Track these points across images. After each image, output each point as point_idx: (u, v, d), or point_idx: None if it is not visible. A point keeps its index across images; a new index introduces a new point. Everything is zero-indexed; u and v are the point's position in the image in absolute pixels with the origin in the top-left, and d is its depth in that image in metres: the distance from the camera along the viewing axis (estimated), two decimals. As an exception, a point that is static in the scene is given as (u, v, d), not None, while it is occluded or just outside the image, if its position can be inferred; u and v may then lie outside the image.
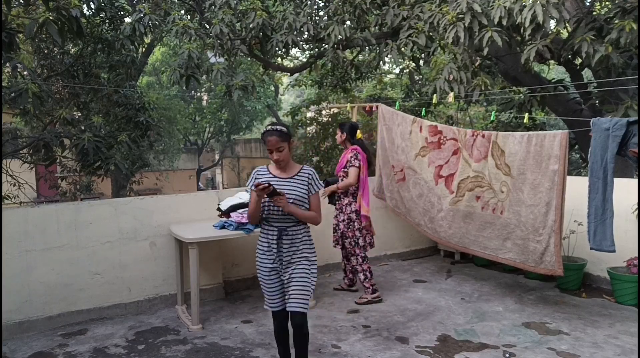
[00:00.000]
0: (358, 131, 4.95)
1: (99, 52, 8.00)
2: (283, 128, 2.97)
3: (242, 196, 4.58)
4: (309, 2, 7.22)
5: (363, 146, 4.93)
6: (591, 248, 3.93)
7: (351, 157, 4.76)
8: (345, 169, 4.79)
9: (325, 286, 5.30)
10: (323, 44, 6.97)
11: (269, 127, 2.99)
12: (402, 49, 5.80)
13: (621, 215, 3.81)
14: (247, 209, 4.41)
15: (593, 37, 4.77)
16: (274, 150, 2.93)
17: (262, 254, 3.06)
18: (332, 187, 4.83)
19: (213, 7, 6.62)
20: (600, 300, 4.72)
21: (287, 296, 2.99)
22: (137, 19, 6.52)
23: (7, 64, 5.42)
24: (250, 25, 6.31)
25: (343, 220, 4.84)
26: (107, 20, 8.00)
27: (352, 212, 4.78)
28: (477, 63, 5.90)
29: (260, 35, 6.42)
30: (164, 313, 4.66)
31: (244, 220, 4.32)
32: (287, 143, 2.96)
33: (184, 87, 6.84)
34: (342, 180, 4.82)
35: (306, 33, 6.43)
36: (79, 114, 8.81)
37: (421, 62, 8.36)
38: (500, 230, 4.49)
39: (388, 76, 13.41)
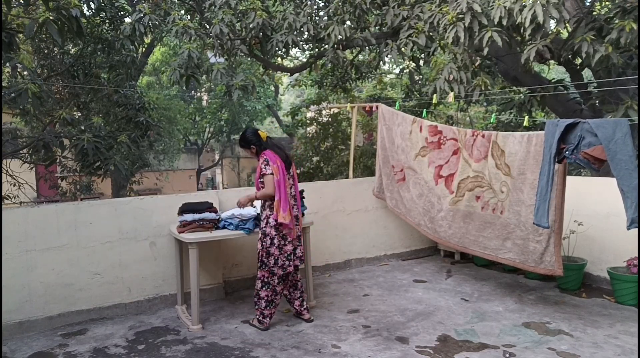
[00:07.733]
0: (260, 132, 4.23)
1: (99, 52, 8.02)
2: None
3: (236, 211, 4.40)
4: (309, 2, 7.22)
5: (274, 146, 4.23)
6: (533, 223, 4.06)
7: (262, 164, 4.10)
8: (262, 180, 4.10)
9: (325, 286, 5.30)
10: (323, 44, 6.98)
11: None
12: (402, 49, 5.81)
13: (621, 215, 3.81)
14: (243, 212, 4.46)
15: (593, 37, 4.77)
16: None
17: None
18: (251, 195, 4.15)
19: (213, 7, 6.62)
20: (600, 300, 4.72)
21: None
22: (137, 19, 6.52)
23: (7, 64, 5.43)
24: (250, 26, 6.31)
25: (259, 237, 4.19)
26: (107, 20, 8.02)
27: (270, 227, 4.12)
28: (477, 63, 5.90)
29: (260, 35, 6.42)
30: (164, 313, 4.66)
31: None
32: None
33: (184, 87, 6.85)
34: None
35: (306, 33, 6.44)
36: (79, 115, 8.82)
37: (421, 62, 8.38)
38: (500, 230, 4.49)
39: (388, 76, 13.43)
